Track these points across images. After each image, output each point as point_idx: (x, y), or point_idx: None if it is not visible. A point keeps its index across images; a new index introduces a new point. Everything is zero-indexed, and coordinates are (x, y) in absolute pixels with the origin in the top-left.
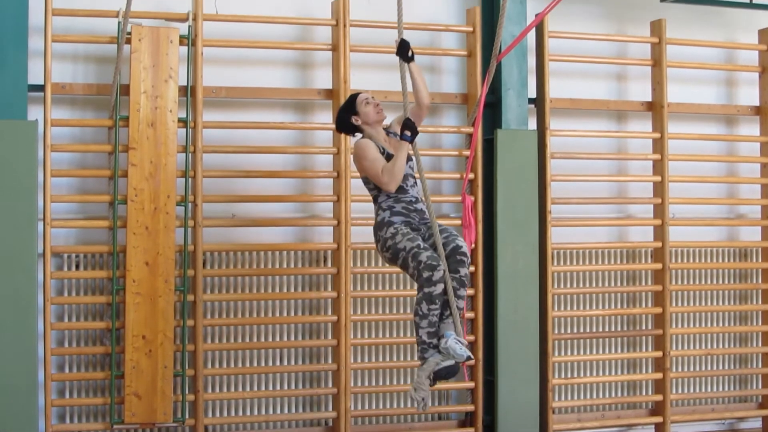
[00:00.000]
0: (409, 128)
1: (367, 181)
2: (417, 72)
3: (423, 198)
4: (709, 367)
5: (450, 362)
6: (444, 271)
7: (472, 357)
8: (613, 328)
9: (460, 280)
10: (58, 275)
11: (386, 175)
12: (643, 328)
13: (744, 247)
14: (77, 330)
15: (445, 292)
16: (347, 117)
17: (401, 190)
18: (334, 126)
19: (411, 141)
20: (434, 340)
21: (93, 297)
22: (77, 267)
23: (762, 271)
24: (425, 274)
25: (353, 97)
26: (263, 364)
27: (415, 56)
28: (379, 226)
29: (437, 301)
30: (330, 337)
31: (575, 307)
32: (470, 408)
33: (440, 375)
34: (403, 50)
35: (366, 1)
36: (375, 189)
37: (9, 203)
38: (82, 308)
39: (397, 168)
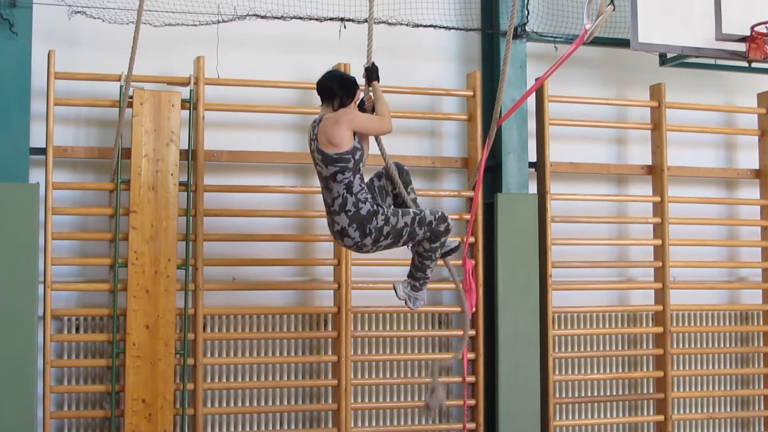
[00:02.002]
0: (372, 71)
1: (340, 155)
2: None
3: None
4: (711, 431)
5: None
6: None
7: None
8: (614, 392)
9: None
10: (58, 338)
11: (385, 118)
12: (645, 391)
13: (745, 311)
14: (77, 393)
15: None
16: (350, 91)
17: (362, 177)
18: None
19: (378, 80)
20: None
21: (93, 360)
22: (77, 330)
23: (763, 334)
24: (442, 227)
25: (355, 82)
26: (264, 427)
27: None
28: (367, 219)
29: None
30: (330, 401)
31: (576, 371)
32: None
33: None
34: (373, 73)
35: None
36: (350, 172)
37: (9, 265)
38: (81, 371)
39: (388, 109)
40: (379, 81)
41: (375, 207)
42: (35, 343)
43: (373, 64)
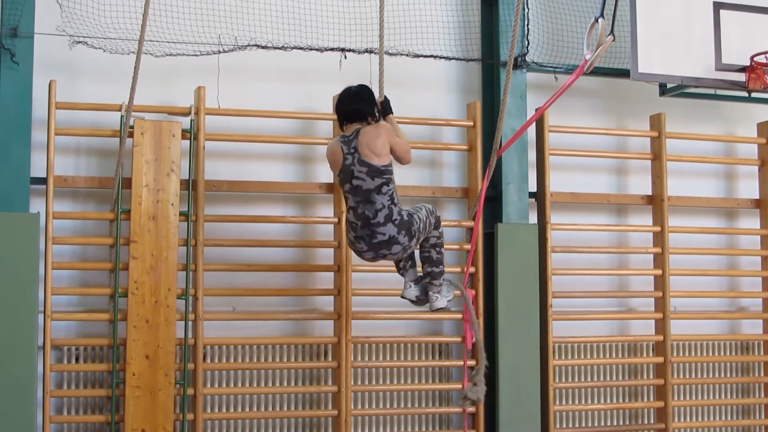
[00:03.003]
0: (386, 105)
1: (386, 167)
2: (397, 126)
3: None
4: None
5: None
6: None
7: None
8: (615, 423)
9: None
10: (57, 368)
11: (408, 146)
12: (646, 422)
13: (746, 341)
14: (76, 423)
15: None
16: (374, 102)
17: None
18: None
19: (392, 112)
20: None
21: (93, 390)
22: (77, 360)
23: (764, 364)
24: (436, 212)
25: (370, 90)
26: None
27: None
28: (410, 223)
29: None
30: (331, 431)
31: (577, 401)
32: None
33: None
34: (387, 106)
35: None
36: (392, 183)
37: (9, 295)
38: (81, 401)
39: (407, 140)
40: (393, 113)
41: (407, 210)
42: (35, 373)
43: (385, 97)
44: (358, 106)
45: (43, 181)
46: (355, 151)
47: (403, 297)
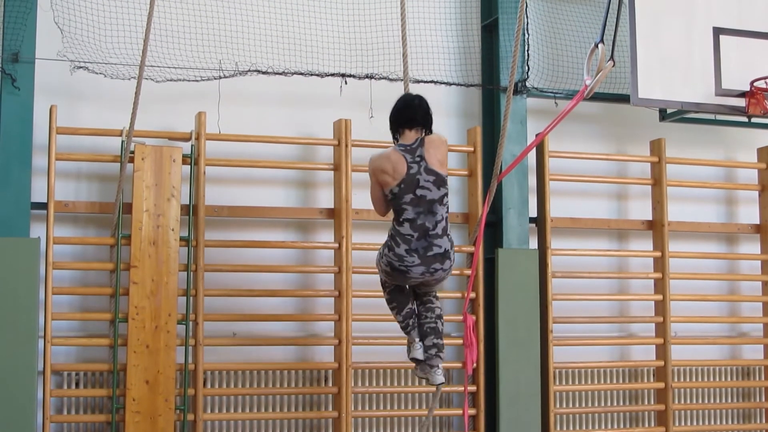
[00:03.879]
0: None
1: (446, 183)
2: None
3: None
4: None
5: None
6: None
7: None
8: None
9: None
10: (57, 393)
11: None
12: None
13: (746, 366)
14: None
15: None
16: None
17: None
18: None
19: None
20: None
21: (93, 416)
22: (77, 385)
23: (765, 389)
24: None
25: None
26: None
27: None
28: (452, 243)
29: None
30: None
31: (578, 427)
32: None
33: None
34: None
35: (367, 122)
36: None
37: (9, 320)
38: (81, 427)
39: None
40: None
41: None
42: (35, 398)
43: None
44: (430, 113)
45: (43, 206)
46: (421, 159)
47: (412, 358)
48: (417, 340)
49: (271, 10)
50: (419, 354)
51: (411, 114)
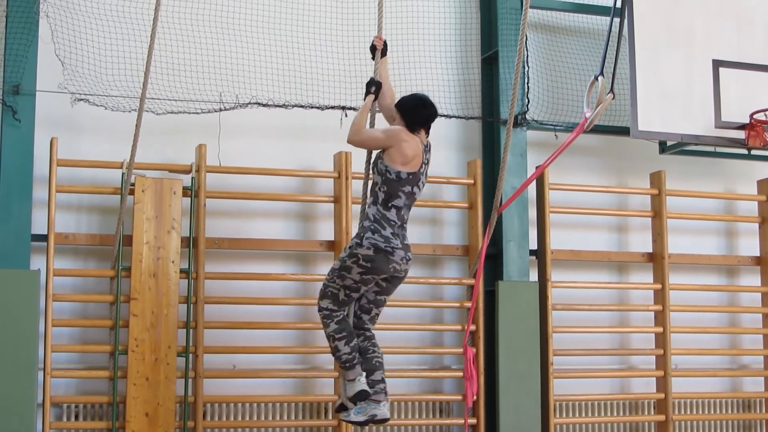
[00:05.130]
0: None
1: None
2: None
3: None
4: None
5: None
6: None
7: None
8: None
9: None
10: (57, 425)
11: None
12: None
13: (747, 398)
14: None
15: None
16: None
17: None
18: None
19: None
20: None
21: None
22: (77, 417)
23: (766, 422)
24: None
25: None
26: None
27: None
28: None
29: None
30: None
31: None
32: None
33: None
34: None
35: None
36: None
37: (9, 352)
38: None
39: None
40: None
41: None
42: (35, 431)
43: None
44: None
45: (44, 238)
46: (427, 163)
47: (359, 392)
48: (362, 374)
49: (271, 42)
50: (366, 386)
51: (429, 115)
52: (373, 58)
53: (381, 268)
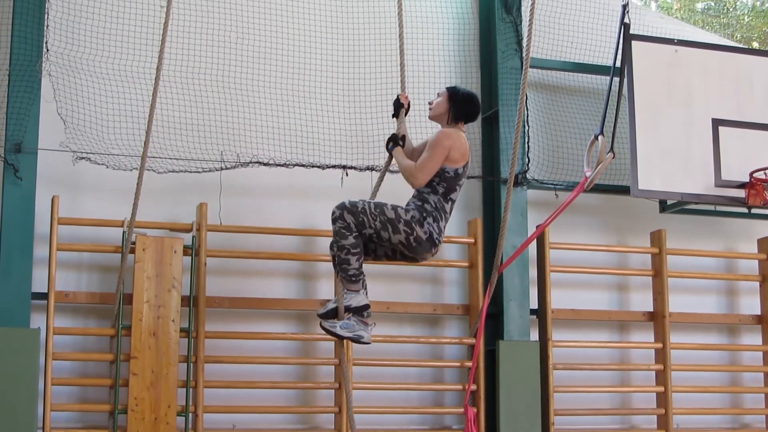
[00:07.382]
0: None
1: None
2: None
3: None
4: None
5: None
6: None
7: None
8: None
9: None
10: None
11: None
12: None
13: None
14: None
15: None
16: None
17: None
18: None
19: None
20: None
21: None
22: None
23: None
24: None
25: None
26: None
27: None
28: None
29: None
30: None
31: None
32: None
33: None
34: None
35: None
36: None
37: (8, 411)
38: None
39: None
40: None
41: None
42: None
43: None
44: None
45: (44, 296)
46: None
47: (360, 306)
48: (365, 289)
49: (273, 102)
50: (367, 300)
51: (476, 112)
52: (396, 115)
53: (419, 251)
